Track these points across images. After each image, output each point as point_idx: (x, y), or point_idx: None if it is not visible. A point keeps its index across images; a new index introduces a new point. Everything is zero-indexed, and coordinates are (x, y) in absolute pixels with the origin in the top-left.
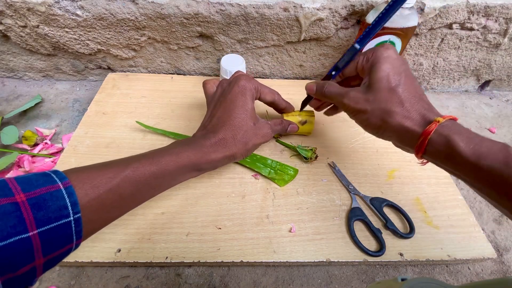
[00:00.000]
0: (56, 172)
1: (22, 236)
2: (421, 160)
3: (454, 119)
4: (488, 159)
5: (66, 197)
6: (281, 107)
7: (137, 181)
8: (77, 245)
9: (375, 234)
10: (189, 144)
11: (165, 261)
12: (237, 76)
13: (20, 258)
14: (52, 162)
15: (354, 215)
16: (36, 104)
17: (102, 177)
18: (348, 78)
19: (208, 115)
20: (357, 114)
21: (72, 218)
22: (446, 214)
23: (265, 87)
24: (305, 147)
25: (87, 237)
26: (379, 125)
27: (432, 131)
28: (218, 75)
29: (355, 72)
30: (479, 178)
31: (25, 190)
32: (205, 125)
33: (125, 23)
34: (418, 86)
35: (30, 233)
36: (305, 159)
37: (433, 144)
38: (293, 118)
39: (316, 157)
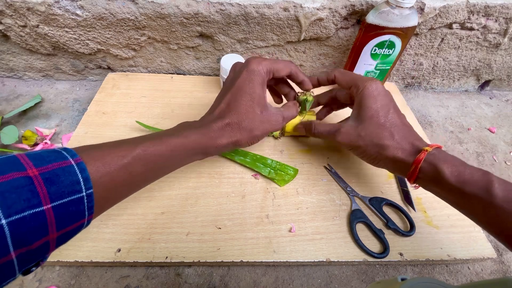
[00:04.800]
0: (66, 149)
1: (37, 209)
2: (414, 185)
3: (439, 147)
4: (470, 186)
5: (78, 172)
6: (299, 80)
7: (147, 160)
8: (88, 221)
9: (378, 235)
10: (197, 127)
11: (165, 261)
12: (248, 60)
13: (35, 232)
14: None
15: (355, 217)
16: (36, 104)
17: (113, 155)
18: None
19: (217, 99)
20: (351, 149)
21: (84, 193)
22: (446, 214)
23: (278, 62)
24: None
25: (98, 214)
26: (375, 156)
27: (422, 160)
28: (218, 75)
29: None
30: (464, 204)
31: (37, 165)
32: (213, 109)
33: (125, 23)
34: (404, 118)
35: (45, 207)
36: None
37: (423, 171)
38: (296, 121)
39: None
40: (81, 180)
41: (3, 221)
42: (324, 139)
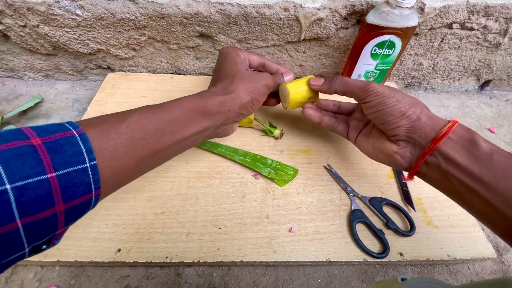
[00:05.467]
0: (68, 122)
1: (41, 177)
2: (407, 178)
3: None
4: (500, 155)
5: (80, 143)
6: (274, 69)
7: (145, 124)
8: (96, 198)
9: (378, 235)
10: (195, 94)
11: (165, 261)
12: (222, 48)
13: (40, 200)
14: None
15: (355, 217)
16: (36, 104)
17: (111, 122)
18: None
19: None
20: (381, 100)
21: (88, 164)
22: (446, 214)
23: (251, 52)
24: (275, 126)
25: (107, 191)
26: (405, 111)
27: (458, 122)
28: None
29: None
30: (486, 176)
31: (40, 135)
32: (209, 85)
33: (125, 23)
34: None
35: (49, 175)
36: (271, 133)
37: (456, 132)
38: (300, 94)
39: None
40: (84, 150)
41: (8, 186)
42: (347, 90)
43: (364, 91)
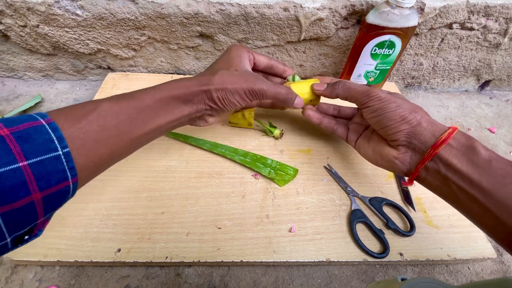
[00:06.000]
0: (37, 113)
1: (12, 166)
2: (408, 183)
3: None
4: (499, 162)
5: (50, 131)
6: (280, 70)
7: (116, 112)
8: (74, 186)
9: (378, 235)
10: (171, 81)
11: (165, 261)
12: (228, 46)
13: (15, 189)
14: None
15: (355, 217)
16: (36, 104)
17: (81, 110)
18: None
19: None
20: (382, 104)
21: (60, 152)
22: (446, 214)
23: (260, 54)
24: (275, 126)
25: (85, 178)
26: (406, 116)
27: (457, 128)
28: None
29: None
30: (485, 182)
31: (8, 126)
32: None
33: (125, 23)
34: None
35: (20, 164)
36: (271, 133)
37: (456, 138)
38: (302, 96)
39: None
40: (55, 138)
41: None
42: (349, 95)
43: (365, 96)
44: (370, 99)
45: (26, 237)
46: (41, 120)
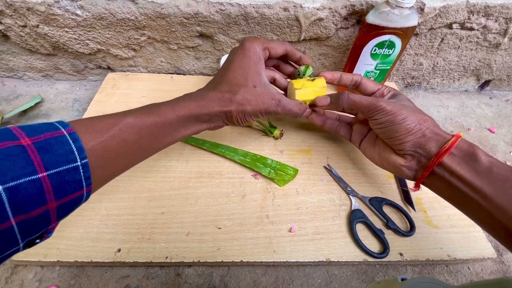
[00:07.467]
0: (58, 121)
1: (32, 177)
2: (413, 188)
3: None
4: (499, 168)
5: (71, 142)
6: (297, 57)
7: (139, 128)
8: (87, 194)
9: (378, 235)
10: (191, 96)
11: (165, 261)
12: (243, 39)
13: (33, 199)
14: None
15: (355, 217)
16: (36, 104)
17: (104, 123)
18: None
19: (215, 75)
20: (389, 117)
21: (79, 163)
22: (446, 214)
23: (273, 41)
24: (274, 127)
25: (97, 187)
26: (413, 127)
27: (461, 136)
28: None
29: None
30: (487, 189)
31: (29, 135)
32: (210, 83)
33: (125, 23)
34: None
35: (40, 175)
36: (270, 133)
37: (459, 147)
38: (306, 93)
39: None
40: (75, 149)
41: (0, 187)
42: (355, 108)
43: (371, 110)
44: (377, 112)
45: (37, 240)
46: (63, 130)
